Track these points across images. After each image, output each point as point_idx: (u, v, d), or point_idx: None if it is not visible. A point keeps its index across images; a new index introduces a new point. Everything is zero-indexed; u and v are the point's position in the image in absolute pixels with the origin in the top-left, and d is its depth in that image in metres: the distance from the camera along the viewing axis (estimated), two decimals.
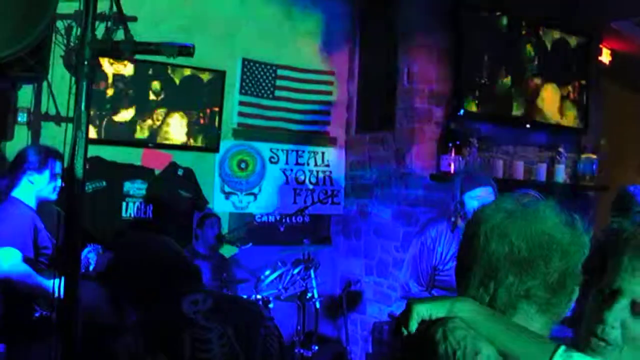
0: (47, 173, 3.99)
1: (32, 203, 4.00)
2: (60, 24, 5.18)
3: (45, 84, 5.32)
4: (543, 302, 1.41)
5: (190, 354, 2.07)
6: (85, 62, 1.97)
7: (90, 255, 4.37)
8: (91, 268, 4.39)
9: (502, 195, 1.62)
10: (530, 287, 1.40)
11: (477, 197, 3.99)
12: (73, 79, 2.12)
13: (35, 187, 3.99)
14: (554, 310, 1.43)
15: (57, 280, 2.08)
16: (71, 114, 2.16)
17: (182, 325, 2.11)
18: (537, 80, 6.41)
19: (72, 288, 2.13)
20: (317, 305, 5.38)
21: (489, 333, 1.34)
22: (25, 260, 3.78)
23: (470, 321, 1.36)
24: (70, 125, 2.16)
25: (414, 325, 1.39)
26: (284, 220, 6.15)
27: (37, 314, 3.85)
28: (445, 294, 4.10)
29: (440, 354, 1.33)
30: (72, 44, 5.16)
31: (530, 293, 1.40)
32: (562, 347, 1.28)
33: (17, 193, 3.97)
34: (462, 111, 5.90)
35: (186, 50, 1.92)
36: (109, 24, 2.09)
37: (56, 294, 2.10)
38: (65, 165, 2.09)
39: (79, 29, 5.08)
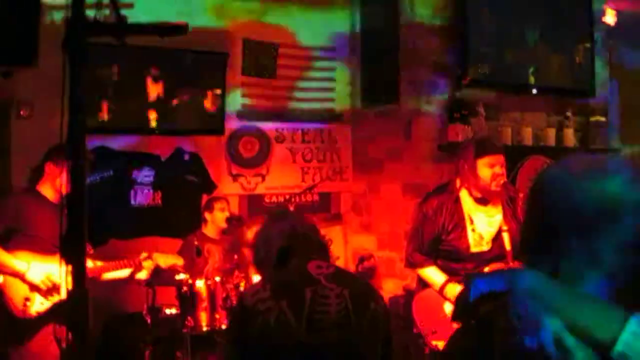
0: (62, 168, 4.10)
1: (52, 196, 4.15)
2: (58, 15, 5.13)
3: (45, 76, 5.29)
4: (616, 269, 1.26)
5: (309, 305, 2.36)
6: (76, 46, 1.93)
7: (145, 264, 4.45)
8: (141, 275, 4.48)
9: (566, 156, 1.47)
10: (598, 251, 1.26)
11: (490, 165, 3.93)
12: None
13: (52, 181, 4.16)
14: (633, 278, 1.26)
15: (63, 271, 2.07)
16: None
17: (306, 282, 2.43)
18: (542, 45, 6.32)
19: (79, 279, 2.11)
20: None
21: (552, 304, 1.21)
22: None
23: (532, 293, 1.23)
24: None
25: (473, 299, 1.30)
26: (293, 199, 6.11)
27: None
28: (449, 264, 4.08)
29: (499, 329, 1.24)
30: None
31: (599, 258, 1.26)
32: (636, 317, 1.15)
33: (40, 186, 4.19)
34: (467, 80, 5.83)
35: (180, 30, 1.87)
36: (101, 8, 2.04)
37: (65, 285, 2.09)
38: (66, 154, 2.07)
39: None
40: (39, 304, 3.98)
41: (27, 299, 3.97)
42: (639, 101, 7.48)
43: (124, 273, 4.48)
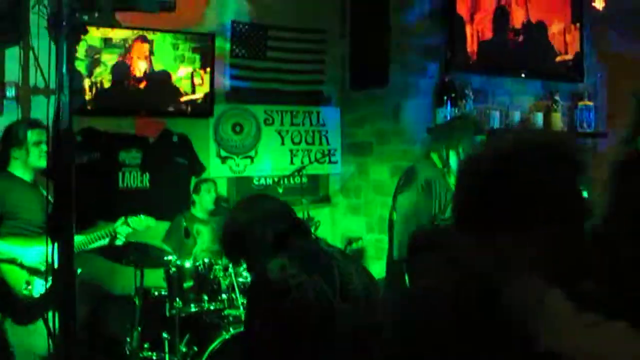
0: (26, 145, 4.09)
1: (27, 176, 4.13)
2: None
3: (32, 56, 5.27)
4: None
5: (339, 280, 2.32)
6: (64, 22, 1.92)
7: (120, 230, 4.39)
8: (119, 242, 4.41)
9: None
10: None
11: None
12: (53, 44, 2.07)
13: (21, 160, 4.12)
14: None
15: (50, 248, 2.07)
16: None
17: (329, 258, 2.39)
18: (530, 29, 6.32)
19: (67, 255, 2.10)
20: None
21: None
22: None
23: None
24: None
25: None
26: (281, 181, 6.11)
27: None
28: None
29: None
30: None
31: None
32: None
33: (10, 168, 4.13)
34: (456, 63, 5.83)
35: (167, 5, 1.87)
36: None
37: (51, 262, 2.09)
38: (51, 131, 2.06)
39: None
40: (40, 286, 3.97)
41: (27, 283, 3.96)
42: (626, 86, 7.49)
43: (103, 242, 4.42)
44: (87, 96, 5.54)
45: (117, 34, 5.64)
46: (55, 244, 2.06)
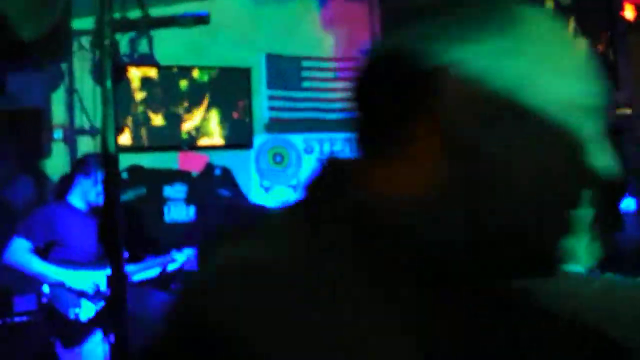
0: (93, 179, 4.24)
1: (82, 206, 4.31)
2: (85, 40, 5.25)
3: (76, 98, 5.47)
4: None
5: None
6: (106, 41, 2.03)
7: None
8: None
9: None
10: None
11: None
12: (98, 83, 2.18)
13: (82, 190, 4.30)
14: None
15: (102, 277, 2.16)
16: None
17: None
18: None
19: (118, 284, 2.20)
20: None
21: None
22: (36, 250, 4.12)
23: None
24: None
25: None
26: None
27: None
28: None
29: None
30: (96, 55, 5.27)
31: None
32: None
33: (70, 197, 4.32)
34: None
35: (202, 20, 1.97)
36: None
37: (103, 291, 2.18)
38: (100, 151, 2.16)
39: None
40: (87, 309, 4.12)
41: (76, 306, 4.14)
42: None
43: (154, 272, 4.62)
44: (131, 133, 5.71)
45: (157, 72, 5.82)
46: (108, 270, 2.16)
